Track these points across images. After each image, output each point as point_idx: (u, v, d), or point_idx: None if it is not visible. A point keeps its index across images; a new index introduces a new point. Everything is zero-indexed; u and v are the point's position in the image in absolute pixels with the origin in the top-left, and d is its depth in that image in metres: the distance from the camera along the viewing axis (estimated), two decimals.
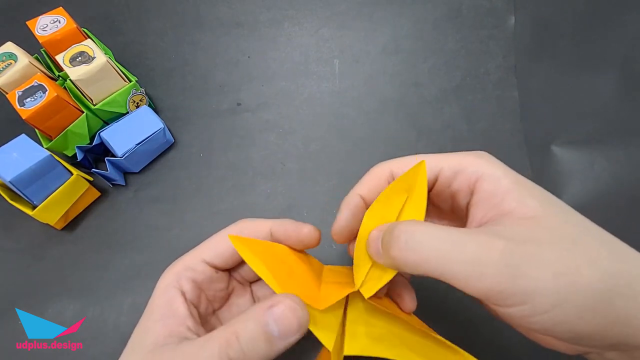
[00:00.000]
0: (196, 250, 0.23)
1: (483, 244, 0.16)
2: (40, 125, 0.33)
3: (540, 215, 0.17)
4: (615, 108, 0.36)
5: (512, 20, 0.40)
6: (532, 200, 0.18)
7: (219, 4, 0.43)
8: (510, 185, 0.18)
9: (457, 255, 0.16)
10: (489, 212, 0.18)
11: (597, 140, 0.35)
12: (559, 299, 0.15)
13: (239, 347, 0.17)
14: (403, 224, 0.18)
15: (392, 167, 0.22)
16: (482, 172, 0.19)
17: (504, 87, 0.38)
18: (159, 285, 0.22)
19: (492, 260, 0.16)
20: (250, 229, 0.23)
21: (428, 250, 0.17)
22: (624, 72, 0.37)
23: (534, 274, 0.15)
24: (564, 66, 0.38)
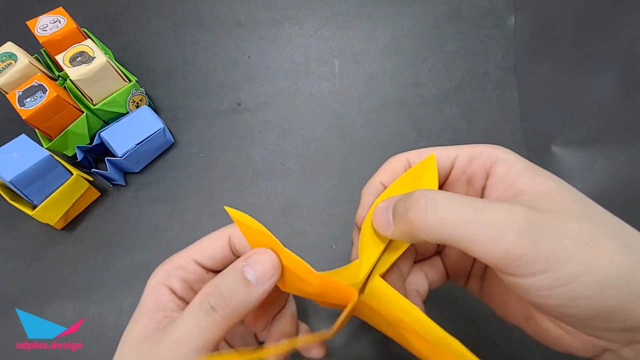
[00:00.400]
0: (187, 250, 0.23)
1: (505, 210, 0.16)
2: (40, 125, 0.33)
3: (555, 193, 0.17)
4: (615, 108, 0.36)
5: (512, 20, 0.40)
6: (546, 179, 0.18)
7: (219, 4, 0.43)
8: (524, 168, 0.18)
9: (479, 218, 0.15)
10: (504, 192, 0.18)
11: (597, 140, 0.35)
12: (582, 270, 0.15)
13: (218, 293, 0.18)
14: (421, 190, 0.18)
15: (409, 157, 0.22)
16: (496, 156, 0.20)
17: (504, 87, 0.38)
18: (149, 283, 0.22)
19: (514, 224, 0.15)
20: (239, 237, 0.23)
21: (449, 212, 0.16)
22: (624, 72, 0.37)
23: (557, 241, 0.15)
24: (564, 66, 0.38)
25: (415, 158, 0.22)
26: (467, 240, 0.16)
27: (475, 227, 0.15)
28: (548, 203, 0.16)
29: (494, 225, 0.15)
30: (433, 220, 0.16)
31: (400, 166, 0.22)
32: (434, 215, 0.16)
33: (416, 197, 0.17)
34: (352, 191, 0.34)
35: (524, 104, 0.37)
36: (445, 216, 0.16)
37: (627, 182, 0.34)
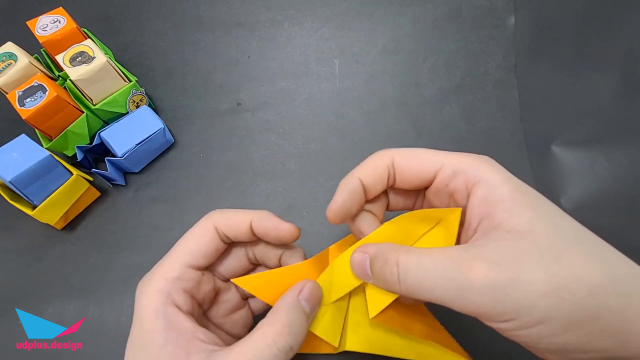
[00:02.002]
0: (173, 257, 0.21)
1: (466, 270, 0.17)
2: (40, 125, 0.33)
3: (527, 230, 0.17)
4: (615, 108, 0.36)
5: (512, 20, 0.40)
6: (523, 212, 0.18)
7: (219, 4, 0.43)
8: (506, 194, 0.18)
9: (445, 282, 0.17)
10: (482, 220, 0.19)
11: (597, 140, 0.35)
12: (544, 316, 0.16)
13: (293, 335, 0.19)
14: (393, 255, 0.19)
15: (395, 155, 0.22)
16: (480, 176, 0.19)
17: (504, 87, 0.38)
18: (144, 309, 0.20)
19: (475, 285, 0.16)
20: (228, 223, 0.22)
21: (419, 281, 0.18)
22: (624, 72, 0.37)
23: (517, 295, 0.16)
24: (564, 66, 0.38)
25: (403, 159, 0.21)
26: (439, 300, 0.17)
27: (443, 291, 0.17)
28: (514, 246, 0.17)
29: (459, 287, 0.17)
30: (406, 288, 0.18)
31: (383, 164, 0.22)
32: (407, 284, 0.18)
33: (390, 266, 0.18)
34: None
35: (524, 104, 0.37)
36: (416, 285, 0.18)
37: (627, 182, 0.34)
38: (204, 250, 0.22)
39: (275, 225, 0.22)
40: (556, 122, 0.36)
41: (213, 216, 0.23)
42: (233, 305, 0.25)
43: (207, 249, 0.22)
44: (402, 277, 0.18)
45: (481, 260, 0.17)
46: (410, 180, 0.22)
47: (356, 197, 0.22)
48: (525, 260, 0.16)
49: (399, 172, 0.22)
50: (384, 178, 0.22)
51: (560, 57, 0.38)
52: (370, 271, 0.20)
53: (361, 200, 0.22)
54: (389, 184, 0.22)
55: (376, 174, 0.22)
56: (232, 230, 0.22)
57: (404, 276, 0.18)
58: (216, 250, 0.22)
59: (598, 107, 0.36)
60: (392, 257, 0.19)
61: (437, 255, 0.18)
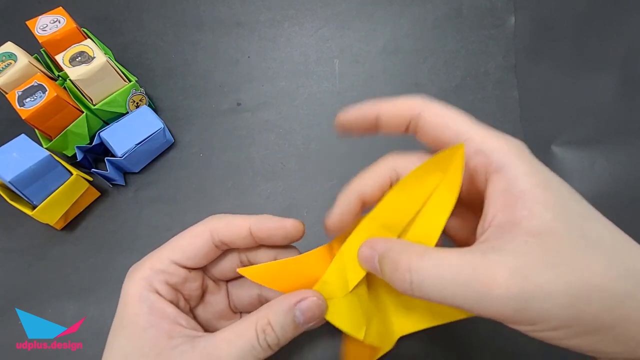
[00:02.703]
0: (164, 251, 0.22)
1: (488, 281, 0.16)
2: (40, 125, 0.33)
3: (547, 233, 0.16)
4: (615, 108, 0.36)
5: (512, 20, 0.40)
6: (544, 211, 0.17)
7: (219, 4, 0.43)
8: (528, 188, 0.17)
9: (463, 294, 0.16)
10: (501, 214, 0.17)
11: (597, 140, 0.35)
12: (561, 324, 0.16)
13: (274, 334, 0.19)
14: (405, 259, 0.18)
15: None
16: (502, 163, 0.18)
17: (504, 87, 0.38)
18: (129, 293, 0.20)
19: (497, 297, 0.16)
20: (226, 229, 0.22)
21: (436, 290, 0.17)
22: (624, 72, 0.37)
23: (538, 306, 0.15)
24: (564, 66, 0.38)
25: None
26: (456, 306, 0.17)
27: (462, 300, 0.16)
28: (536, 251, 0.16)
29: (480, 298, 0.16)
30: (420, 295, 0.17)
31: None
32: (421, 292, 0.17)
33: (402, 273, 0.17)
34: None
35: (524, 104, 0.37)
36: (432, 294, 0.17)
37: (627, 182, 0.34)
38: (194, 252, 0.22)
39: (277, 224, 0.22)
40: (556, 122, 0.36)
41: (212, 221, 0.22)
42: (221, 311, 0.25)
43: (197, 252, 0.22)
44: (416, 285, 0.17)
45: (502, 268, 0.16)
46: (432, 140, 0.21)
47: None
48: (545, 270, 0.16)
49: (423, 127, 0.21)
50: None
51: (560, 57, 0.38)
52: (379, 269, 0.19)
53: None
54: (409, 132, 0.22)
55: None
56: (230, 236, 0.22)
57: (418, 285, 0.17)
58: (206, 255, 0.22)
59: (598, 107, 0.36)
60: (404, 263, 0.18)
61: (455, 261, 0.17)
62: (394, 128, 0.22)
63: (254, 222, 0.22)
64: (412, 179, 0.21)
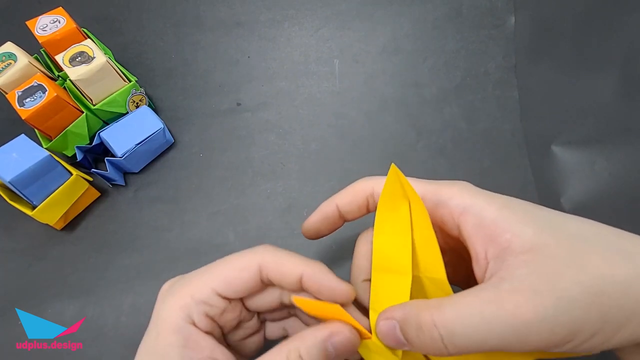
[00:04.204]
0: (207, 277, 0.20)
1: (514, 311, 0.16)
2: (40, 126, 0.33)
3: (539, 245, 0.17)
4: (615, 108, 0.36)
5: (512, 20, 0.40)
6: (523, 227, 0.17)
7: (219, 4, 0.43)
8: (496, 215, 0.18)
9: (497, 333, 0.16)
10: (489, 247, 0.18)
11: (597, 140, 0.35)
12: (595, 329, 0.16)
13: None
14: (426, 316, 0.17)
15: (375, 184, 0.22)
16: (464, 204, 0.19)
17: (504, 87, 0.38)
18: (165, 320, 0.19)
19: (530, 323, 0.16)
20: (275, 269, 0.20)
21: (469, 339, 0.16)
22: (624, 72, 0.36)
23: (567, 319, 0.15)
24: (564, 66, 0.38)
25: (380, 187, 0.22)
26: (493, 349, 0.16)
27: (498, 340, 0.16)
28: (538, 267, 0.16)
29: (514, 332, 0.16)
30: (455, 350, 0.17)
31: (363, 192, 0.23)
32: (455, 346, 0.16)
33: (429, 331, 0.17)
34: None
35: (524, 104, 0.37)
36: (466, 343, 0.16)
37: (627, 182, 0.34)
38: (240, 285, 0.20)
39: (329, 284, 0.20)
40: (556, 122, 0.36)
41: (263, 253, 0.21)
42: (251, 330, 0.24)
43: (243, 286, 0.20)
44: (448, 340, 0.16)
45: (519, 294, 0.16)
46: None
47: (329, 221, 0.24)
48: (557, 280, 0.16)
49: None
50: (362, 206, 0.23)
51: (560, 57, 0.38)
52: (403, 338, 0.18)
53: (335, 224, 0.24)
54: (369, 211, 0.23)
55: (353, 202, 0.23)
56: (278, 277, 0.20)
57: (450, 338, 0.16)
58: (252, 288, 0.21)
59: (598, 107, 0.36)
60: (426, 320, 0.17)
61: (474, 302, 0.16)
62: (357, 213, 0.23)
63: (307, 271, 0.20)
64: (383, 221, 0.21)
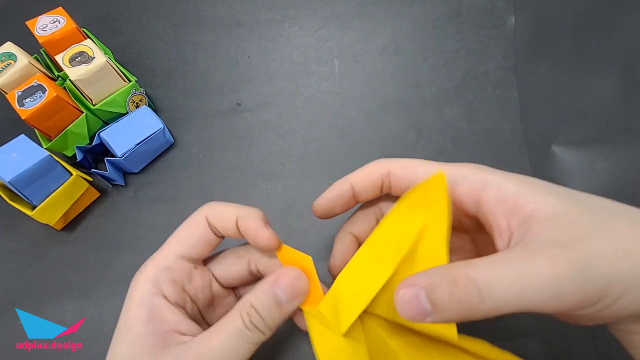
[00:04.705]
0: (167, 247, 0.22)
1: (547, 263, 0.16)
2: (40, 126, 0.33)
3: (562, 212, 0.17)
4: (615, 108, 0.36)
5: (512, 20, 0.40)
6: (546, 196, 0.17)
7: (219, 4, 0.43)
8: (516, 187, 0.18)
9: (534, 286, 0.15)
10: (512, 218, 0.18)
11: (597, 140, 0.35)
12: (626, 286, 0.15)
13: (259, 317, 0.20)
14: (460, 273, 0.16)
15: (391, 166, 0.22)
16: (482, 180, 0.19)
17: (504, 87, 0.38)
18: (132, 296, 0.20)
19: (565, 276, 0.15)
20: (218, 216, 0.22)
21: (506, 294, 0.16)
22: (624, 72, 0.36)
23: (599, 272, 0.15)
24: (564, 66, 0.38)
25: (399, 169, 0.22)
26: (528, 307, 0.16)
27: (534, 295, 0.15)
28: (567, 228, 0.16)
29: (551, 285, 0.15)
30: (492, 306, 0.16)
31: (378, 173, 0.22)
32: (493, 301, 0.16)
33: (465, 287, 0.16)
34: None
35: (524, 104, 0.37)
36: (504, 297, 0.16)
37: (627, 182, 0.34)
38: (195, 240, 0.22)
39: (255, 228, 0.21)
40: (556, 122, 0.36)
41: (205, 208, 0.22)
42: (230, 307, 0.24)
43: (198, 240, 0.22)
44: (487, 294, 0.15)
45: (551, 252, 0.16)
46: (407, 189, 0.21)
47: (342, 200, 0.23)
48: (587, 238, 0.16)
49: (395, 182, 0.22)
50: (377, 187, 0.22)
51: (560, 57, 0.38)
52: (429, 305, 0.16)
53: (348, 203, 0.23)
54: (382, 192, 0.23)
55: (369, 182, 0.22)
56: (221, 224, 0.22)
57: (488, 292, 0.15)
58: (208, 242, 0.22)
59: (598, 107, 0.36)
60: (461, 276, 0.16)
61: (508, 261, 0.16)
62: (371, 193, 0.23)
63: (241, 214, 0.21)
64: (398, 213, 0.21)
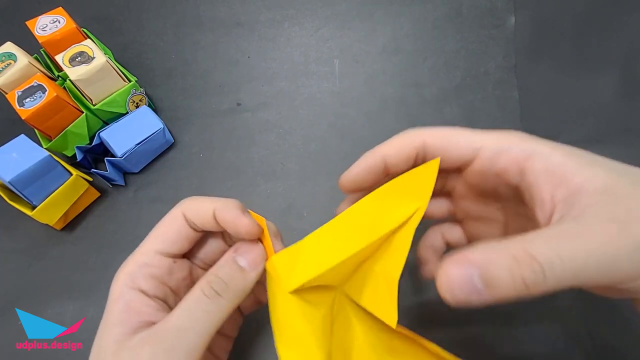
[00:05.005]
0: (145, 244, 0.22)
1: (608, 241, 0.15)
2: (40, 126, 0.33)
3: (614, 183, 0.16)
4: (615, 108, 0.36)
5: (512, 20, 0.40)
6: (595, 170, 0.17)
7: (219, 4, 0.43)
8: (564, 159, 0.17)
9: (594, 260, 0.15)
10: (557, 191, 0.17)
11: (597, 140, 0.35)
12: None
13: (219, 280, 0.20)
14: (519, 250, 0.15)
15: (427, 137, 0.20)
16: (530, 150, 0.18)
17: (504, 87, 0.38)
18: (112, 289, 0.20)
19: (623, 254, 0.15)
20: (195, 211, 0.21)
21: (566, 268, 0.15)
22: (624, 72, 0.37)
23: None
24: (564, 66, 0.38)
25: (437, 141, 0.20)
26: (583, 284, 0.15)
27: (593, 269, 0.15)
28: (619, 202, 0.16)
29: (610, 260, 0.15)
30: (553, 284, 0.15)
31: (411, 146, 0.20)
32: (556, 276, 0.15)
33: (526, 263, 0.15)
34: None
35: (524, 104, 0.37)
36: (566, 273, 0.15)
37: None
38: (173, 237, 0.21)
39: (233, 217, 0.21)
40: (556, 122, 0.36)
41: (183, 203, 0.22)
42: None
43: (176, 236, 0.21)
44: (549, 271, 0.15)
45: (610, 225, 0.15)
46: (445, 164, 0.20)
47: (373, 174, 0.21)
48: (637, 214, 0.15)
49: (432, 155, 0.20)
50: (410, 160, 0.21)
51: (560, 57, 0.38)
52: (482, 285, 0.15)
53: (378, 177, 0.21)
54: (416, 164, 0.21)
55: (402, 155, 0.20)
56: (198, 219, 0.21)
57: (551, 270, 0.15)
58: (187, 238, 0.22)
59: (598, 107, 0.36)
60: (520, 253, 0.15)
61: (563, 236, 0.15)
62: (404, 166, 0.21)
63: (218, 206, 0.21)
64: (387, 192, 0.21)
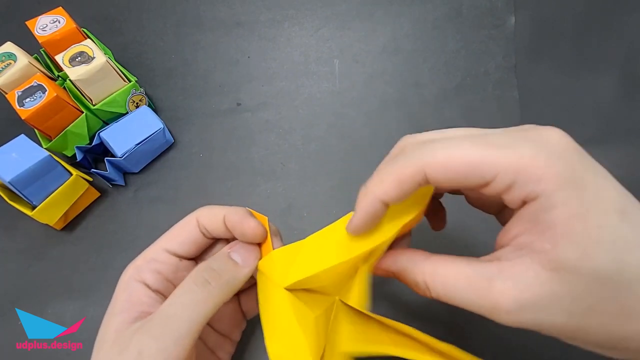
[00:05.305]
0: (157, 242, 0.23)
1: (493, 300, 0.16)
2: (40, 126, 0.33)
3: (569, 270, 0.15)
4: (615, 108, 0.36)
5: (512, 20, 0.40)
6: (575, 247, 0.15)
7: (219, 4, 0.43)
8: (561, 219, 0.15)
9: (469, 296, 0.17)
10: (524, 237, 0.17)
11: (597, 140, 0.35)
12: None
13: (211, 269, 0.21)
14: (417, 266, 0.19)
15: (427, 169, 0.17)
16: (538, 192, 0.15)
17: (504, 87, 0.38)
18: (120, 280, 0.22)
19: (502, 317, 0.16)
20: (206, 218, 0.23)
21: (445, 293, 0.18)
22: (624, 72, 0.37)
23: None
24: (564, 66, 0.38)
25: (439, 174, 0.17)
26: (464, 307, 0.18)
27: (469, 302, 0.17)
28: (546, 290, 0.15)
29: (488, 311, 0.16)
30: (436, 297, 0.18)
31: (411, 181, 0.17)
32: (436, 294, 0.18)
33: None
34: (352, 191, 0.34)
35: (524, 104, 0.37)
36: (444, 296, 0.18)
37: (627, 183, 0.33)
38: (182, 238, 0.23)
39: (240, 219, 0.22)
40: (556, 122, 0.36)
41: (198, 210, 0.24)
42: None
43: (186, 238, 0.23)
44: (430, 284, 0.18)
45: (507, 297, 0.16)
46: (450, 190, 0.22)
47: (375, 219, 0.20)
48: (555, 312, 0.15)
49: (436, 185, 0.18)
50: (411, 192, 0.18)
51: (560, 57, 0.38)
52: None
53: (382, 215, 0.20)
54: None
55: (401, 193, 0.18)
56: (210, 224, 0.23)
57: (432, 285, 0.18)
58: (195, 242, 0.23)
59: (598, 107, 0.36)
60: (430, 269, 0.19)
61: (461, 269, 0.18)
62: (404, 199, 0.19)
63: (228, 212, 0.22)
64: None
